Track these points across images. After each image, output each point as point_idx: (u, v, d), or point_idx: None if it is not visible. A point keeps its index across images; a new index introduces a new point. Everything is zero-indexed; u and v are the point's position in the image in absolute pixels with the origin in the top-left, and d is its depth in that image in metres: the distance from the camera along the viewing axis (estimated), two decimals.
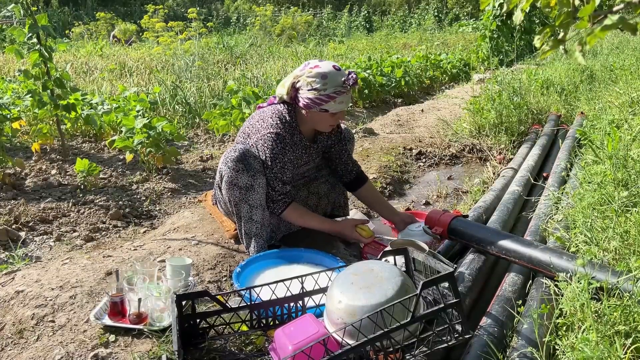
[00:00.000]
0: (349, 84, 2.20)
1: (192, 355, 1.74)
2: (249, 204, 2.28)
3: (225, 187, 2.30)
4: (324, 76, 2.18)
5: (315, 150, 2.48)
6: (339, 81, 2.19)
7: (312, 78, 2.19)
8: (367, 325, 1.50)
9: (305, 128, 2.38)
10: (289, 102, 2.33)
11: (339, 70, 2.22)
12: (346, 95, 2.23)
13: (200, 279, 2.20)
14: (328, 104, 2.20)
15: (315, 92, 2.19)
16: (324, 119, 2.28)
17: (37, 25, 3.71)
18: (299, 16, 20.13)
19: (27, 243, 2.82)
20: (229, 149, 2.29)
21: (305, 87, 2.21)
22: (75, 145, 4.65)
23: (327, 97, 2.19)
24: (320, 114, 2.26)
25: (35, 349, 1.75)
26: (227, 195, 2.31)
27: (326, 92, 2.18)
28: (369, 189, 2.63)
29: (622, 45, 8.94)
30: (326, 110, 2.23)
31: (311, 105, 2.22)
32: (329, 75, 2.18)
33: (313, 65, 2.22)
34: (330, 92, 2.18)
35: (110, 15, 18.71)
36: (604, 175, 2.31)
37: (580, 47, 0.99)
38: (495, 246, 2.06)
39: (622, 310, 1.43)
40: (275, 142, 2.24)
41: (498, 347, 1.54)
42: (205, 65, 8.29)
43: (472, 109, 4.86)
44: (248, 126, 2.39)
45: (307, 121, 2.33)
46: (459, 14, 25.56)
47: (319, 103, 2.20)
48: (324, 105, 2.21)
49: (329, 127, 2.34)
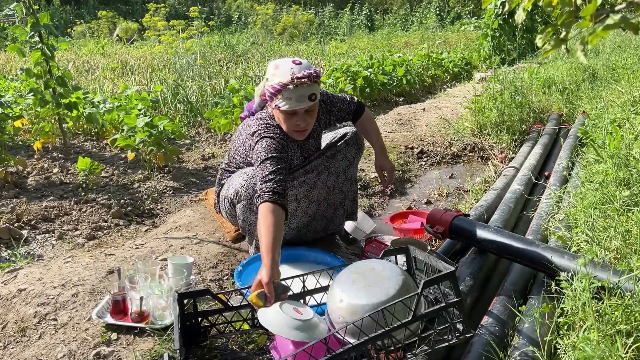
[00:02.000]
0: (295, 76, 1.99)
1: (194, 353, 1.74)
2: None
3: (240, 209, 2.26)
4: (276, 66, 2.06)
5: (312, 145, 2.38)
6: (286, 74, 2.01)
7: (269, 69, 2.09)
8: (368, 324, 1.50)
9: None
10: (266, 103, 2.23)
11: (299, 64, 2.04)
12: (293, 90, 2.01)
13: (202, 277, 2.21)
14: (276, 98, 2.05)
15: (267, 83, 2.07)
16: (282, 119, 2.12)
17: (39, 24, 3.71)
18: (300, 15, 20.13)
19: (30, 241, 2.83)
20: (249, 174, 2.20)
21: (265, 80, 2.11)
22: (77, 143, 4.65)
23: (272, 90, 2.03)
24: (278, 113, 2.11)
25: (37, 347, 1.75)
26: (241, 216, 2.28)
27: (272, 82, 2.03)
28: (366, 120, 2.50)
29: (624, 44, 8.92)
30: (278, 107, 2.07)
31: (268, 100, 2.10)
32: (280, 65, 2.05)
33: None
34: (275, 84, 2.02)
35: (111, 14, 18.71)
36: (605, 174, 2.31)
37: (582, 47, 0.99)
38: (496, 245, 2.06)
39: (623, 310, 1.43)
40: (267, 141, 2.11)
41: (499, 346, 1.54)
42: (206, 64, 8.29)
43: (474, 108, 4.86)
44: (241, 144, 2.29)
45: None
46: (461, 12, 25.52)
47: (270, 96, 2.07)
48: (275, 101, 2.06)
49: (295, 134, 2.17)
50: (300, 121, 2.10)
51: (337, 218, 2.51)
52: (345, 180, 2.46)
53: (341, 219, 2.54)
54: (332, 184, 2.42)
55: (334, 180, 2.42)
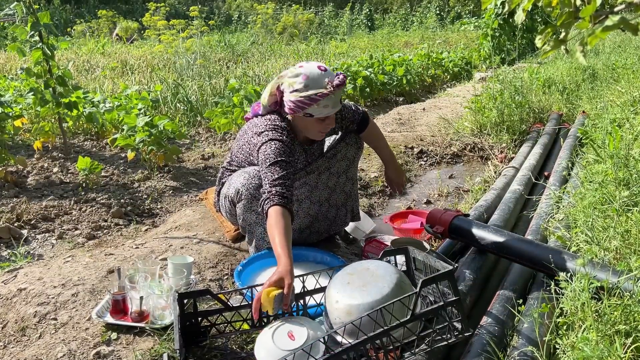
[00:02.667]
0: (332, 85, 2.02)
1: (194, 353, 1.74)
2: (263, 227, 2.23)
3: (241, 208, 2.25)
4: (306, 77, 2.03)
5: (316, 150, 2.39)
6: (322, 82, 2.03)
7: (293, 79, 2.05)
8: (366, 324, 1.51)
9: (299, 135, 2.26)
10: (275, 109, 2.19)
11: (325, 71, 2.07)
12: (331, 98, 2.05)
13: (202, 277, 2.21)
14: (311, 107, 2.04)
15: (297, 94, 2.03)
16: (310, 124, 2.14)
17: (39, 24, 3.71)
18: (300, 14, 20.12)
19: (30, 241, 2.83)
20: (251, 174, 2.21)
21: (288, 89, 2.07)
22: (77, 143, 4.65)
23: (309, 100, 2.03)
24: (305, 119, 2.12)
25: (37, 347, 1.75)
26: (241, 215, 2.27)
27: (307, 93, 2.02)
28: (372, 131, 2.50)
29: (624, 44, 8.92)
30: (311, 115, 2.08)
31: (295, 110, 2.07)
32: (311, 75, 2.03)
33: (298, 66, 2.09)
34: (312, 95, 2.02)
35: (111, 13, 18.69)
36: (605, 174, 2.31)
37: (581, 48, 0.99)
38: (496, 245, 2.07)
39: (622, 310, 1.44)
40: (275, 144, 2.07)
41: (498, 346, 1.55)
42: (206, 64, 8.29)
43: (474, 108, 4.86)
44: (244, 143, 2.27)
45: (297, 128, 2.21)
46: (461, 12, 25.50)
47: (301, 107, 2.05)
48: (308, 109, 2.05)
49: (319, 134, 2.20)
50: (331, 123, 2.16)
51: (340, 218, 2.51)
52: (346, 181, 2.47)
53: (344, 220, 2.53)
54: (334, 185, 2.42)
55: (335, 181, 2.42)
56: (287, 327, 1.63)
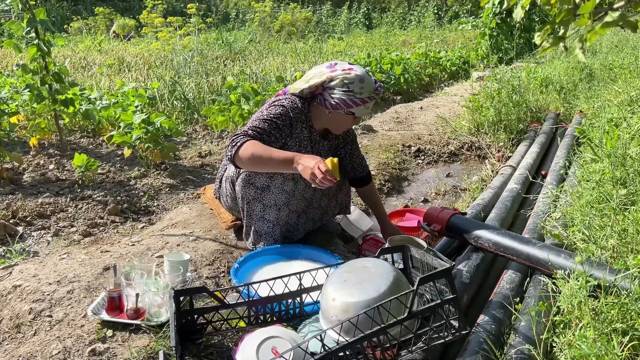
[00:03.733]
0: (380, 91, 2.26)
1: (190, 350, 1.74)
2: (263, 203, 2.26)
3: (240, 184, 2.28)
4: (362, 80, 2.20)
5: (323, 147, 2.43)
6: (373, 87, 2.23)
7: (349, 80, 2.20)
8: (363, 322, 1.50)
9: (318, 123, 2.36)
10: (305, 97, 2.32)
11: (370, 76, 2.27)
12: (374, 101, 2.29)
13: (198, 274, 2.20)
14: (358, 107, 2.23)
15: (351, 94, 2.19)
16: (344, 121, 2.30)
17: (36, 20, 3.69)
18: (298, 12, 20.11)
19: (25, 238, 2.82)
20: None
21: (340, 87, 2.21)
22: (73, 140, 4.64)
23: (360, 101, 2.21)
24: (344, 116, 2.27)
25: (32, 344, 1.74)
26: (240, 192, 2.29)
27: (362, 95, 2.20)
28: (372, 189, 2.65)
29: (621, 44, 8.94)
30: (352, 114, 2.25)
31: (340, 106, 2.22)
32: (366, 79, 2.21)
33: (347, 67, 2.23)
34: (365, 97, 2.21)
35: (108, 10, 18.63)
36: (602, 173, 2.31)
37: (580, 45, 0.99)
38: (493, 243, 2.07)
39: (619, 308, 1.44)
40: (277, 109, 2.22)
41: (495, 344, 1.54)
42: (204, 61, 8.27)
43: (471, 107, 4.86)
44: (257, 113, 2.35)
45: (322, 120, 2.33)
46: (459, 11, 25.52)
47: (349, 105, 2.21)
48: (354, 108, 2.22)
49: (342, 130, 2.37)
50: (358, 122, 2.42)
51: (331, 209, 2.54)
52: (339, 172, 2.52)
53: (334, 211, 2.57)
54: None
55: None
56: (276, 339, 1.60)
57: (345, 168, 2.56)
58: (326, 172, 1.88)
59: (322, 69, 2.27)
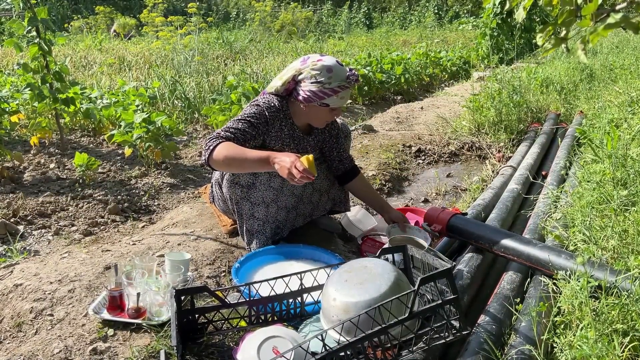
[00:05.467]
0: (352, 79, 2.20)
1: (191, 350, 1.74)
2: (250, 201, 2.27)
3: (226, 185, 2.29)
4: (329, 69, 2.17)
5: (309, 143, 2.43)
6: (344, 76, 2.19)
7: (316, 71, 2.17)
8: (364, 322, 1.50)
9: (299, 119, 2.36)
10: (282, 95, 2.32)
11: (342, 65, 2.22)
12: (348, 91, 2.23)
13: (199, 274, 2.21)
14: (330, 98, 2.19)
15: (319, 85, 2.17)
16: (321, 114, 2.27)
17: (37, 19, 3.69)
18: (298, 12, 20.08)
19: (26, 237, 2.82)
20: None
21: (309, 79, 2.19)
22: (74, 139, 4.64)
23: (330, 91, 2.17)
24: (319, 109, 2.24)
25: (33, 343, 1.75)
26: (227, 193, 2.30)
27: (331, 85, 2.17)
28: (361, 182, 2.58)
29: (622, 45, 8.94)
30: (327, 105, 2.21)
31: (312, 99, 2.20)
32: (334, 69, 2.17)
33: (316, 59, 2.21)
34: (335, 86, 2.17)
35: (109, 9, 18.61)
36: (603, 174, 2.31)
37: (582, 45, 0.99)
38: (493, 244, 2.07)
39: (620, 309, 1.44)
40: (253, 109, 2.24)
41: (496, 345, 1.55)
42: (204, 61, 8.27)
43: (472, 107, 4.86)
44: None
45: (302, 115, 2.31)
46: (459, 11, 25.50)
47: (321, 97, 2.18)
48: (326, 100, 2.19)
49: (323, 123, 2.34)
50: (338, 114, 2.31)
51: (322, 204, 2.55)
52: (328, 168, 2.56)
53: (325, 206, 2.57)
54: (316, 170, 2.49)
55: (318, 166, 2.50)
56: (277, 339, 1.60)
57: (333, 163, 2.53)
58: (303, 170, 1.90)
59: (295, 63, 2.27)
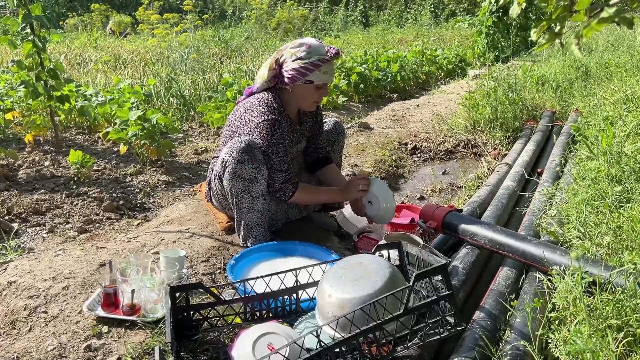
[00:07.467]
0: (332, 53, 2.24)
1: (185, 346, 1.73)
2: (251, 195, 2.27)
3: (227, 178, 2.26)
4: (308, 46, 2.23)
5: (301, 133, 2.49)
6: (323, 51, 2.24)
7: (295, 48, 2.24)
8: (359, 318, 1.50)
9: (290, 109, 2.39)
10: (270, 87, 2.35)
11: (321, 42, 2.29)
12: (329, 65, 2.26)
13: (194, 271, 2.20)
14: (313, 73, 2.23)
15: (300, 62, 2.22)
16: (308, 93, 2.30)
17: (31, 16, 3.67)
18: (295, 10, 20.06)
19: (20, 234, 2.81)
20: (233, 141, 2.25)
21: (290, 58, 2.24)
22: (68, 136, 4.62)
23: (311, 66, 2.21)
24: (305, 88, 2.28)
25: (27, 340, 1.74)
26: (228, 186, 2.28)
27: (310, 59, 2.21)
28: (333, 170, 2.63)
29: (617, 43, 8.96)
30: (311, 82, 2.25)
31: (296, 77, 2.23)
32: (312, 45, 2.24)
33: (297, 41, 2.28)
34: (314, 60, 2.21)
35: (104, 7, 18.54)
36: (597, 171, 2.32)
37: (576, 40, 0.99)
38: (489, 240, 2.07)
39: (614, 305, 1.44)
40: (274, 129, 2.25)
41: (491, 340, 1.55)
42: (200, 58, 8.24)
43: (468, 105, 4.86)
44: (235, 119, 2.37)
45: (291, 100, 2.35)
46: (455, 10, 25.52)
47: (304, 73, 2.22)
48: (309, 76, 2.23)
49: (313, 105, 2.37)
50: (325, 92, 2.34)
51: None
52: None
53: None
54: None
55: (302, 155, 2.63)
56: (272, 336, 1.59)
57: (310, 149, 2.60)
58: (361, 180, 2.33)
59: (275, 53, 2.35)
